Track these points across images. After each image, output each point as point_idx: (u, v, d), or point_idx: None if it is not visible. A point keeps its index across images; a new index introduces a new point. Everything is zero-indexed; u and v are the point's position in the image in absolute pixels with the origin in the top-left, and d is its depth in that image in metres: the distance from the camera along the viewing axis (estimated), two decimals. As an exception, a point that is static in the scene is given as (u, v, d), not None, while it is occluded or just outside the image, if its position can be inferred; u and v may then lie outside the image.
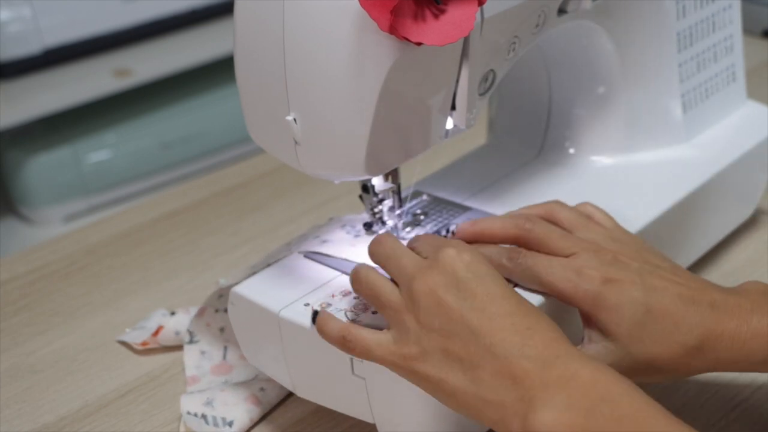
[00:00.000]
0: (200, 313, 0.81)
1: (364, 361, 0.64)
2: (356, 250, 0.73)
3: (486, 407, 0.56)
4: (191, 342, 0.81)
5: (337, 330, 0.62)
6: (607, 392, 0.53)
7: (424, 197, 0.80)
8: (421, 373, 0.58)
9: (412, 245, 0.66)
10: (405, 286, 0.61)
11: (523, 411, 0.54)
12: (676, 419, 0.52)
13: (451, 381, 0.57)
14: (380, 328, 0.62)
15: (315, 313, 0.64)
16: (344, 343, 0.62)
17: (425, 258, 0.63)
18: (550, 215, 0.70)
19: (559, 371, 0.54)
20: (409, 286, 0.60)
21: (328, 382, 0.68)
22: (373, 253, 0.66)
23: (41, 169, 1.77)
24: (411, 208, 0.79)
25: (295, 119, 0.63)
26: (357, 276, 0.63)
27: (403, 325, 0.60)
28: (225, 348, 0.81)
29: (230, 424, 0.72)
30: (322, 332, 0.63)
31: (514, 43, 0.69)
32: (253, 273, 0.72)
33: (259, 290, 0.70)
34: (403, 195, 0.75)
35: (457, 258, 0.60)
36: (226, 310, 0.81)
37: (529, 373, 0.55)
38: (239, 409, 0.73)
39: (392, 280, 0.63)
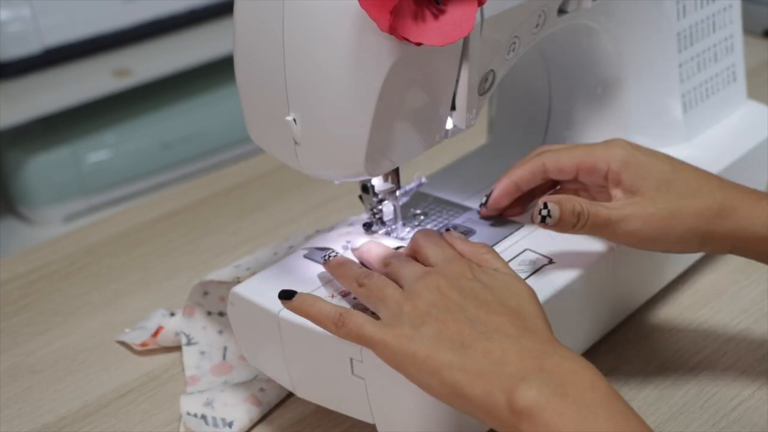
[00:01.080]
0: (188, 312, 0.81)
1: (364, 361, 0.64)
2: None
3: (472, 382, 0.56)
4: (189, 344, 0.81)
5: (330, 308, 0.62)
6: (602, 395, 0.53)
7: (423, 179, 0.79)
8: (410, 351, 0.58)
9: (418, 245, 0.67)
10: (408, 282, 0.62)
11: (511, 386, 0.54)
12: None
13: (439, 357, 0.57)
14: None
15: (289, 293, 0.64)
16: (339, 320, 0.61)
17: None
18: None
19: (555, 363, 0.55)
20: (413, 282, 0.62)
21: (328, 382, 0.68)
22: (374, 258, 0.67)
23: (41, 169, 1.77)
24: (410, 190, 0.78)
25: (294, 119, 0.63)
26: (370, 276, 0.64)
27: (398, 312, 0.60)
28: (225, 348, 0.81)
29: (230, 424, 0.72)
30: (309, 310, 0.63)
31: (514, 43, 0.69)
32: (236, 270, 0.72)
33: (259, 290, 0.70)
34: (401, 192, 0.75)
35: (467, 269, 0.63)
36: (220, 314, 0.81)
37: (524, 357, 0.56)
38: (239, 410, 0.73)
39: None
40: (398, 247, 0.71)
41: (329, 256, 0.69)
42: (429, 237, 0.67)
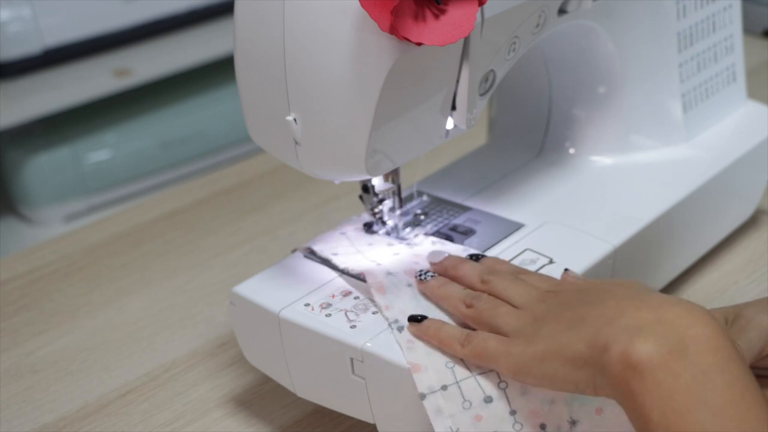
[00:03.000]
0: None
1: (365, 361, 0.64)
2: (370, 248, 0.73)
3: (589, 344, 0.54)
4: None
5: (457, 330, 0.62)
6: (723, 358, 0.50)
7: (424, 198, 0.80)
8: (530, 351, 0.57)
9: (522, 272, 0.67)
10: (523, 302, 0.62)
11: (627, 338, 0.51)
12: None
13: (559, 341, 0.56)
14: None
15: (417, 317, 0.64)
16: (465, 339, 0.61)
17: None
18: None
19: (676, 314, 0.52)
20: (529, 302, 0.62)
21: (328, 382, 0.68)
22: (468, 275, 0.67)
23: (41, 169, 1.77)
24: (411, 208, 0.79)
25: (295, 119, 0.63)
26: (479, 298, 0.64)
27: (517, 326, 0.60)
28: None
29: None
30: (437, 334, 0.63)
31: (514, 43, 0.69)
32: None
33: (259, 290, 0.70)
34: (403, 195, 0.75)
35: (581, 281, 0.64)
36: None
37: (640, 308, 0.53)
38: None
39: None
40: (476, 256, 0.70)
41: (425, 276, 0.68)
42: (530, 273, 0.67)
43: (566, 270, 0.68)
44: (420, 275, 0.68)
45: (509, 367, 0.59)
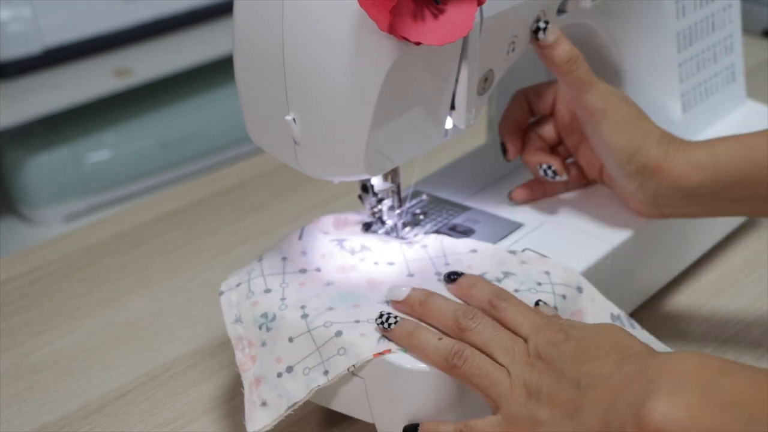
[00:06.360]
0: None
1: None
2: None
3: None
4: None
5: (453, 427, 0.61)
6: (721, 372, 0.52)
7: (424, 197, 0.80)
8: None
9: (498, 309, 0.64)
10: (509, 362, 0.61)
11: (633, 414, 0.52)
12: None
13: (564, 429, 0.57)
14: None
15: (413, 427, 0.63)
16: (464, 428, 0.60)
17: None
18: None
19: (660, 364, 0.54)
20: (516, 365, 0.60)
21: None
22: (441, 319, 0.64)
23: (41, 169, 1.77)
24: (410, 207, 0.79)
25: (294, 119, 0.64)
26: (460, 355, 0.61)
27: (515, 404, 0.59)
28: None
29: None
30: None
31: (513, 42, 0.69)
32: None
33: (258, 290, 0.70)
34: (402, 195, 0.75)
35: (558, 330, 0.61)
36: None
37: (630, 381, 0.54)
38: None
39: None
40: (454, 275, 0.68)
41: (388, 323, 0.63)
42: (508, 299, 0.64)
43: (538, 302, 0.66)
44: (382, 322, 0.63)
45: None
